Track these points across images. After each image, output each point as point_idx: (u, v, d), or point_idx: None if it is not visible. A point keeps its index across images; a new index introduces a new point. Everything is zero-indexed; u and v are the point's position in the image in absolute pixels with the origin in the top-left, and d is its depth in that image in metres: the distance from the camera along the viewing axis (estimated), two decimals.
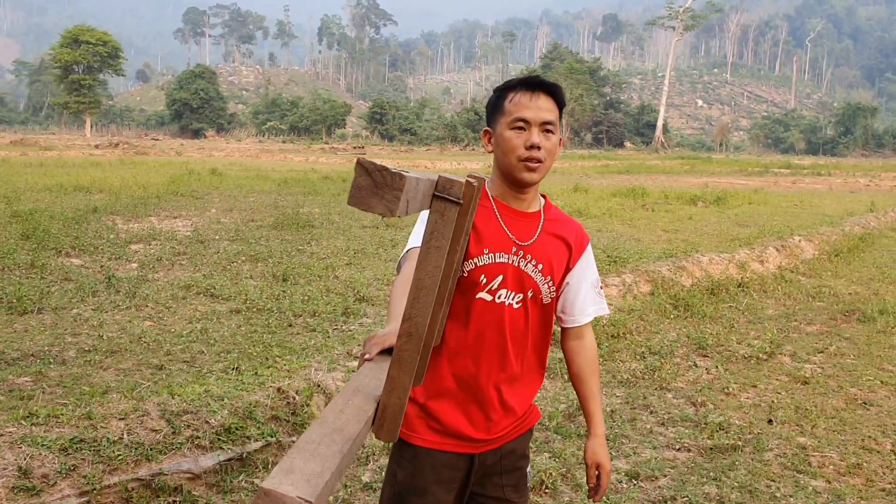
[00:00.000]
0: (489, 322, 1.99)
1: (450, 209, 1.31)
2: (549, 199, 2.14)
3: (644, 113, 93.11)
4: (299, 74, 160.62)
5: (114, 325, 5.98)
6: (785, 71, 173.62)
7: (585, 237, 2.14)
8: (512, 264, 1.98)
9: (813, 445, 4.41)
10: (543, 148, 1.94)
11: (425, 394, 2.03)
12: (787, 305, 8.20)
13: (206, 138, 75.73)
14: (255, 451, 3.68)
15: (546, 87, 1.98)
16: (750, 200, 19.85)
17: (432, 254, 1.32)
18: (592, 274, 2.15)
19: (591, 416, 2.18)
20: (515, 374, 2.05)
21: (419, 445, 2.02)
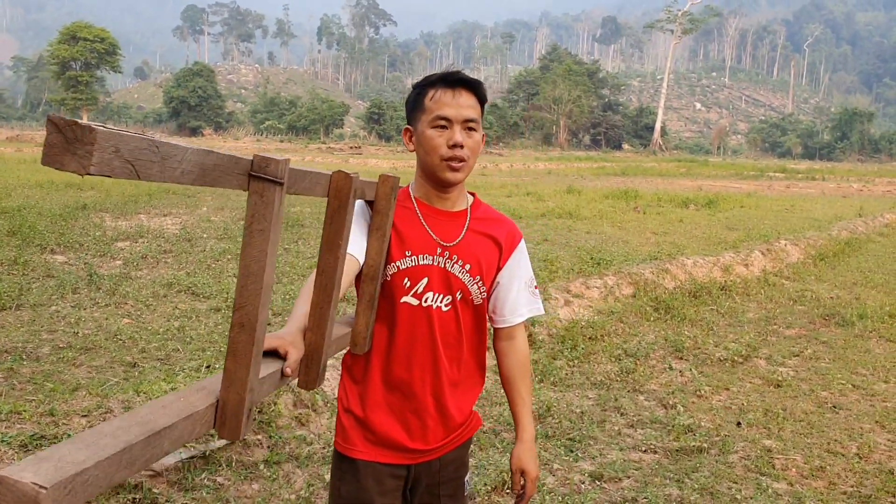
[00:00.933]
0: (417, 327, 1.94)
1: (269, 189, 1.25)
2: (478, 197, 2.09)
3: (642, 115, 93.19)
4: (298, 74, 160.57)
5: (91, 322, 5.99)
6: (783, 75, 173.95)
7: (517, 235, 2.08)
8: (437, 266, 1.94)
9: (778, 448, 4.44)
10: (466, 146, 1.89)
11: (360, 404, 1.99)
12: (768, 309, 8.23)
13: (204, 136, 75.64)
14: (218, 450, 3.69)
15: (467, 83, 1.92)
16: (742, 204, 19.89)
17: (256, 238, 1.27)
18: (526, 273, 2.09)
19: (519, 421, 2.11)
20: (454, 380, 2.01)
21: (358, 459, 1.98)
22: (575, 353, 6.02)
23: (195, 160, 1.11)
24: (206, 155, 1.14)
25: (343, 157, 44.02)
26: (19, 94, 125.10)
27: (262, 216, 1.26)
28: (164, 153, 1.04)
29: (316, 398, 4.31)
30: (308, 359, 1.65)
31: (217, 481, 3.55)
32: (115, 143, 0.96)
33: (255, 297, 1.28)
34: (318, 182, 1.56)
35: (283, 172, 1.27)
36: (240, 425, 1.32)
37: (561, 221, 13.73)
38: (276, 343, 1.57)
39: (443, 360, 1.97)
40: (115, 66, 73.76)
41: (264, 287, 1.28)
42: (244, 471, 3.67)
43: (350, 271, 1.86)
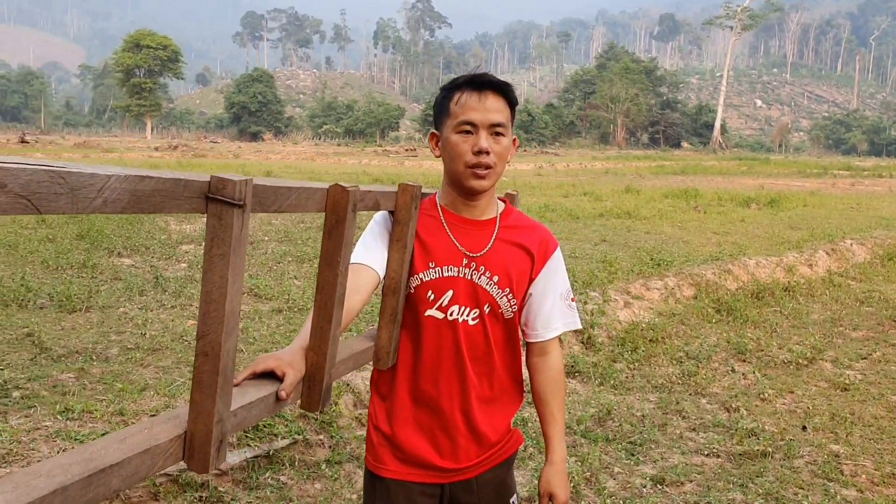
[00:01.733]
0: (443, 341, 1.86)
1: (227, 212, 1.18)
2: (510, 204, 1.99)
3: (701, 113, 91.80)
4: (355, 78, 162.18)
5: (157, 323, 6.15)
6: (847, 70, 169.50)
7: (551, 243, 1.95)
8: (463, 277, 1.85)
9: (847, 453, 4.33)
10: (493, 152, 1.78)
11: (388, 421, 1.92)
12: (833, 310, 8.03)
13: (264, 141, 76.98)
14: (281, 449, 3.76)
15: (494, 85, 1.82)
16: (805, 203, 19.42)
17: (216, 262, 1.20)
18: (561, 284, 1.96)
19: (549, 441, 1.99)
20: (485, 396, 1.91)
21: (388, 477, 1.91)
22: (635, 356, 5.96)
23: (123, 188, 1.03)
24: (140, 181, 1.05)
25: (398, 160, 44.30)
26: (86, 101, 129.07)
27: (222, 240, 1.19)
28: (74, 184, 0.96)
29: None
30: (310, 379, 1.59)
31: (280, 480, 3.62)
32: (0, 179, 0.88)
33: (218, 324, 1.21)
34: (310, 197, 1.49)
35: (242, 194, 1.19)
36: (207, 458, 1.25)
37: (619, 221, 13.60)
38: (272, 364, 1.52)
39: (471, 376, 1.88)
40: (177, 73, 75.64)
41: (227, 314, 1.21)
42: (307, 470, 3.73)
43: (367, 284, 1.81)
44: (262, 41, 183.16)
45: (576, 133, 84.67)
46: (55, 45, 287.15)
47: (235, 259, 1.21)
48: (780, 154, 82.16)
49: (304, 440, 3.88)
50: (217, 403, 1.24)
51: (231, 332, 1.24)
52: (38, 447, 3.21)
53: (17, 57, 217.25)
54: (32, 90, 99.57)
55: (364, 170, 31.19)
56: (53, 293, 6.75)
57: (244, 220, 1.21)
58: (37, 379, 4.48)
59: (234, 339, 1.26)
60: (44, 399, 4.18)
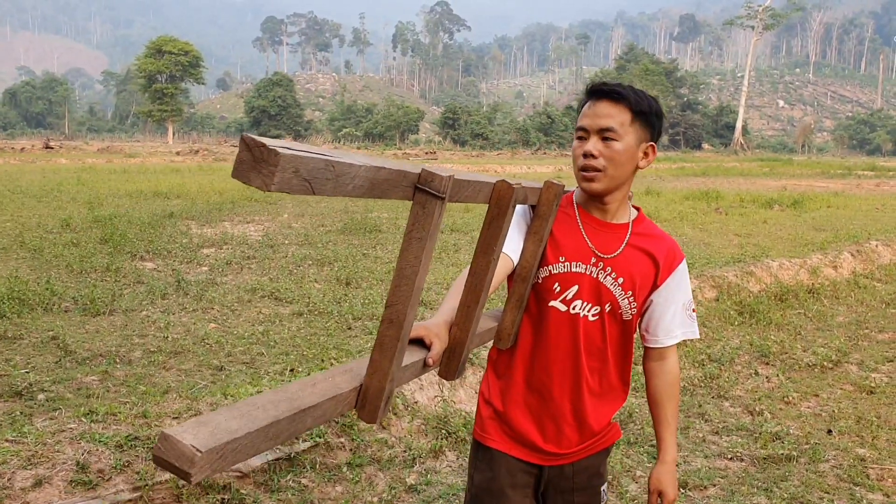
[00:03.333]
0: (562, 332, 1.96)
1: (430, 202, 1.33)
2: (643, 213, 2.06)
3: (722, 114, 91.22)
4: (374, 81, 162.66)
5: (180, 326, 6.19)
6: (871, 70, 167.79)
7: (678, 255, 2.02)
8: (589, 275, 1.94)
9: (873, 457, 4.28)
10: (602, 156, 1.86)
11: (501, 398, 2.04)
12: (858, 312, 7.94)
13: None
14: (302, 452, 3.76)
15: (606, 92, 1.90)
16: (829, 204, 19.23)
17: (413, 244, 1.35)
18: (684, 295, 2.04)
19: (662, 442, 2.10)
20: (594, 390, 2.00)
21: (494, 448, 2.04)
22: None
23: (366, 176, 1.18)
24: (378, 171, 1.20)
25: (419, 163, 44.28)
26: (109, 107, 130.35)
27: (422, 226, 1.34)
28: (339, 171, 1.12)
29: (397, 402, 4.36)
30: (451, 351, 1.73)
31: (301, 483, 3.62)
32: (296, 164, 1.04)
33: (406, 297, 1.37)
34: (481, 191, 1.62)
35: (445, 188, 1.33)
36: (377, 410, 1.42)
37: None
38: (422, 333, 1.65)
39: (584, 369, 1.97)
40: (198, 78, 76.10)
41: (415, 290, 1.37)
42: (328, 473, 3.74)
43: (502, 270, 1.91)
44: (282, 46, 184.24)
45: None
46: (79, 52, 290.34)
47: (430, 243, 1.36)
48: (803, 155, 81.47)
49: (325, 443, 3.89)
50: (392, 364, 1.41)
51: (415, 304, 1.40)
52: (62, 449, 3.24)
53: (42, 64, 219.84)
54: (56, 97, 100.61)
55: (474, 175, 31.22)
56: (78, 297, 6.82)
57: (442, 210, 1.37)
58: (61, 382, 4.52)
59: (416, 312, 1.42)
60: (68, 401, 4.22)
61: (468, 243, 11.09)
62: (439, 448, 4.15)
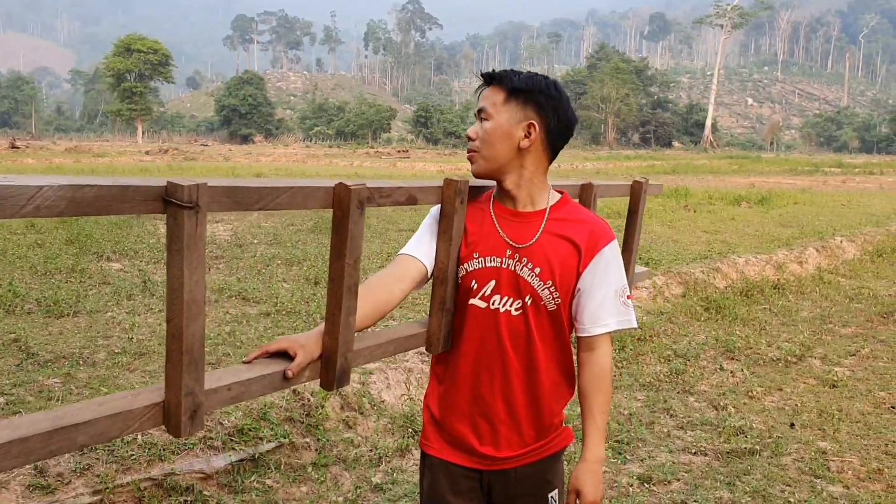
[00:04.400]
0: (485, 330, 1.89)
1: (180, 213, 1.31)
2: (567, 196, 1.97)
3: (692, 112, 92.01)
4: (346, 79, 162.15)
5: (145, 327, 6.13)
6: (837, 68, 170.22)
7: (603, 237, 1.90)
8: (507, 268, 1.87)
9: (833, 450, 4.34)
10: (477, 137, 1.86)
11: (438, 404, 2.01)
12: (823, 307, 8.05)
13: (255, 143, 76.90)
14: (267, 452, 3.75)
15: (487, 78, 1.90)
16: (796, 200, 19.47)
17: (175, 258, 1.34)
18: (614, 280, 1.91)
19: (585, 438, 1.94)
20: (530, 388, 1.91)
21: (433, 455, 2.00)
22: (623, 355, 5.96)
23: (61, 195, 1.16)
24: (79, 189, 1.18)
25: (391, 161, 44.29)
26: (77, 106, 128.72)
27: (177, 238, 1.32)
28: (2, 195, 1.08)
29: (363, 401, 4.35)
30: (325, 361, 1.72)
31: (266, 483, 3.61)
32: None
33: (180, 311, 1.36)
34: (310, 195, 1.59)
35: (193, 197, 1.31)
36: (179, 425, 1.41)
37: (609, 222, 13.56)
38: (285, 345, 1.66)
39: (514, 366, 1.89)
40: (167, 77, 75.44)
41: (186, 302, 1.35)
42: (293, 473, 3.72)
43: (412, 275, 1.91)
44: (253, 44, 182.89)
45: None
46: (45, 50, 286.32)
47: (190, 254, 1.34)
48: (771, 152, 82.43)
49: (290, 443, 3.87)
50: (185, 378, 1.38)
51: (193, 318, 1.38)
52: None
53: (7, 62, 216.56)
54: (23, 95, 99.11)
55: (356, 171, 31.15)
56: (41, 298, 6.73)
57: (198, 220, 1.33)
58: (22, 385, 4.46)
59: (198, 325, 1.39)
60: (29, 405, 4.16)
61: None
62: (406, 447, 4.15)
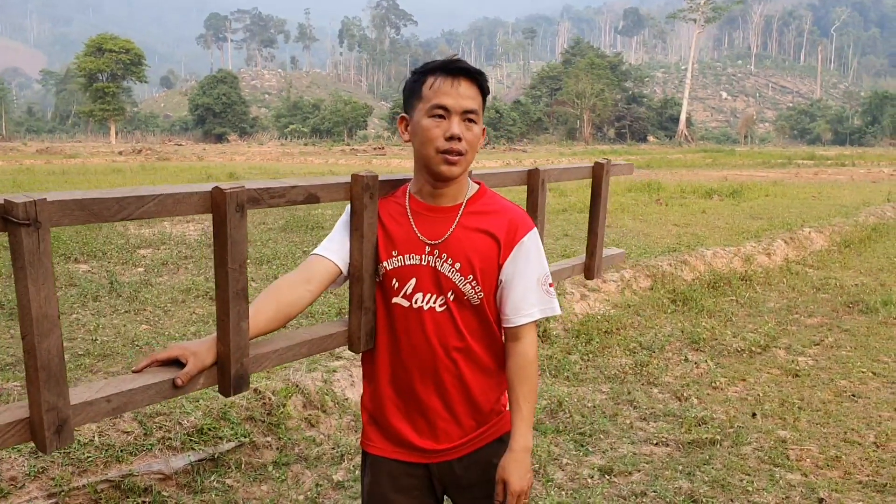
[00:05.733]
0: (411, 328, 1.88)
1: (19, 231, 1.30)
2: (484, 187, 1.94)
3: (667, 107, 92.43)
4: (321, 77, 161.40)
5: (110, 328, 6.07)
6: (810, 61, 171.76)
7: (521, 227, 1.88)
8: (426, 265, 1.85)
9: (793, 438, 4.39)
10: (465, 139, 1.78)
11: (372, 402, 2.00)
12: (789, 298, 8.13)
13: (229, 142, 76.44)
14: (227, 452, 3.73)
15: (468, 72, 1.81)
16: (767, 193, 19.65)
17: (20, 275, 1.33)
18: (535, 269, 1.89)
19: (512, 427, 1.92)
20: (463, 381, 1.91)
21: (374, 454, 2.00)
22: (590, 348, 6.00)
23: None
24: None
25: (367, 158, 44.20)
26: (49, 107, 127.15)
27: (19, 255, 1.31)
28: None
29: (326, 399, 4.34)
30: (220, 367, 1.71)
31: (226, 483, 3.59)
32: None
33: (31, 327, 1.35)
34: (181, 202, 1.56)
35: (31, 214, 1.30)
36: (45, 440, 1.41)
37: (582, 216, 13.67)
38: (177, 352, 1.65)
39: (443, 361, 1.89)
40: (140, 77, 74.66)
41: (35, 318, 1.34)
42: (253, 472, 3.71)
43: (322, 275, 1.90)
44: (227, 42, 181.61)
45: (543, 129, 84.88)
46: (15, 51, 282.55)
47: (34, 271, 1.33)
48: (745, 145, 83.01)
49: (250, 442, 3.86)
50: (44, 394, 1.38)
51: (45, 334, 1.37)
52: None
53: None
54: None
55: (331, 169, 31.04)
56: (4, 301, 6.65)
57: (39, 236, 1.33)
58: None
59: (53, 340, 1.38)
60: None
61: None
62: None
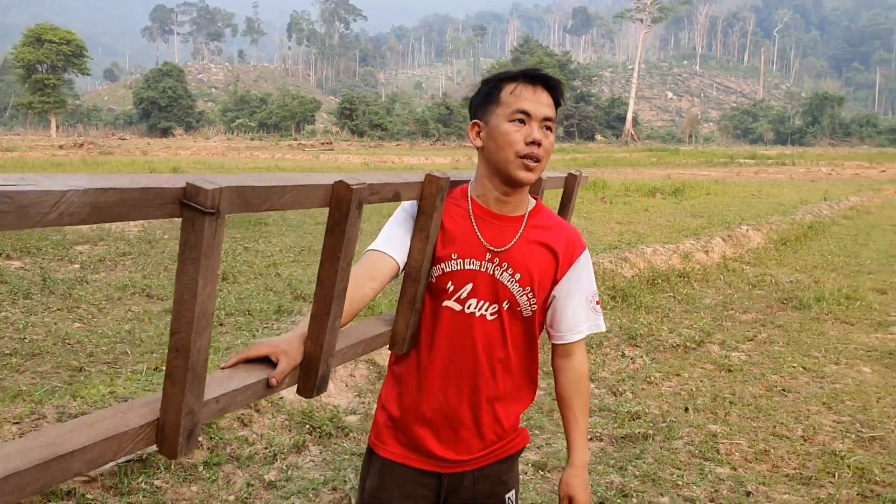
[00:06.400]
0: (458, 333, 1.85)
1: (199, 219, 1.19)
2: (541, 202, 1.96)
3: (615, 106, 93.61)
4: (269, 71, 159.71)
5: (41, 327, 5.92)
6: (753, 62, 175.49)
7: (578, 245, 1.92)
8: (485, 272, 1.83)
9: (724, 433, 4.47)
10: (543, 146, 1.78)
11: (397, 404, 1.94)
12: (726, 294, 8.29)
13: (174, 137, 75.19)
14: (156, 452, 3.65)
15: (548, 81, 1.83)
16: (708, 192, 20.03)
17: (188, 266, 1.23)
18: (587, 287, 1.94)
19: (571, 443, 1.99)
20: (496, 392, 1.90)
21: (385, 457, 1.94)
22: None
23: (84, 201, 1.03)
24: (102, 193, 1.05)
25: (314, 154, 43.88)
26: None
27: (194, 245, 1.21)
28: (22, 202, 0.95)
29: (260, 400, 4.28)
30: (306, 367, 1.62)
31: (154, 484, 3.52)
32: None
33: (189, 323, 1.25)
34: (310, 194, 1.48)
35: (214, 202, 1.20)
36: (175, 445, 1.30)
37: None
38: (266, 350, 1.54)
39: (484, 371, 1.86)
40: (82, 69, 72.94)
41: (196, 315, 1.25)
42: (183, 473, 3.64)
43: (385, 272, 1.82)
44: (173, 35, 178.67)
45: None
46: None
47: (206, 263, 1.23)
48: (690, 145, 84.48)
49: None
50: (187, 396, 1.28)
51: (202, 331, 1.27)
52: None
53: None
54: None
55: (277, 164, 30.76)
56: None
57: (217, 227, 1.23)
58: None
59: (206, 339, 1.29)
60: None
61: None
62: (303, 443, 4.11)
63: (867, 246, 11.79)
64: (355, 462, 3.94)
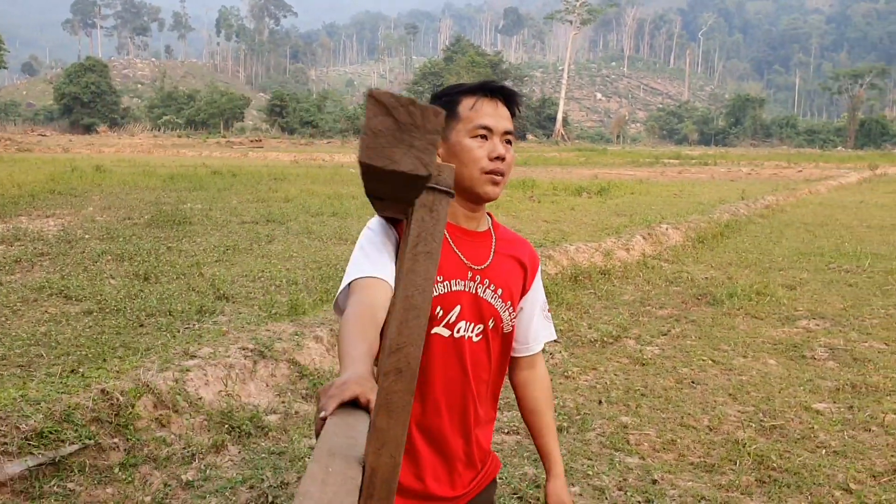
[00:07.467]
0: (449, 361, 1.76)
1: (441, 202, 1.01)
2: (494, 217, 1.92)
3: (545, 106, 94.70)
4: (197, 67, 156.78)
5: None
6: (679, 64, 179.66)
7: (537, 257, 1.95)
8: (469, 292, 1.77)
9: (634, 424, 4.64)
10: (505, 160, 1.74)
11: None
12: (644, 291, 8.53)
13: (98, 134, 73.21)
14: (70, 455, 3.62)
15: (507, 93, 1.79)
16: (632, 191, 20.48)
17: (421, 262, 1.00)
18: (541, 297, 1.96)
19: (550, 454, 1.97)
20: (479, 419, 1.84)
21: None
22: None
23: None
24: None
25: (243, 151, 43.28)
26: None
27: (432, 235, 1.01)
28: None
29: (177, 399, 4.27)
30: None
31: (68, 487, 3.49)
32: None
33: (418, 336, 0.99)
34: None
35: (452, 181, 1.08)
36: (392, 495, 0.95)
37: None
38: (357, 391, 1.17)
39: (472, 396, 1.80)
40: None
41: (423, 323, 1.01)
42: (98, 475, 3.62)
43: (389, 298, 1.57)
44: (96, 29, 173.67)
45: None
46: None
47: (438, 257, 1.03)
48: (617, 145, 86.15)
49: (95, 444, 3.76)
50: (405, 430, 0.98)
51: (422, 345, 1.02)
52: None
53: None
54: None
55: (204, 162, 30.27)
56: None
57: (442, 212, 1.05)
58: None
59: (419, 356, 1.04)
60: None
61: (283, 234, 10.96)
62: (222, 442, 4.11)
63: (780, 243, 12.24)
64: (274, 461, 3.97)
